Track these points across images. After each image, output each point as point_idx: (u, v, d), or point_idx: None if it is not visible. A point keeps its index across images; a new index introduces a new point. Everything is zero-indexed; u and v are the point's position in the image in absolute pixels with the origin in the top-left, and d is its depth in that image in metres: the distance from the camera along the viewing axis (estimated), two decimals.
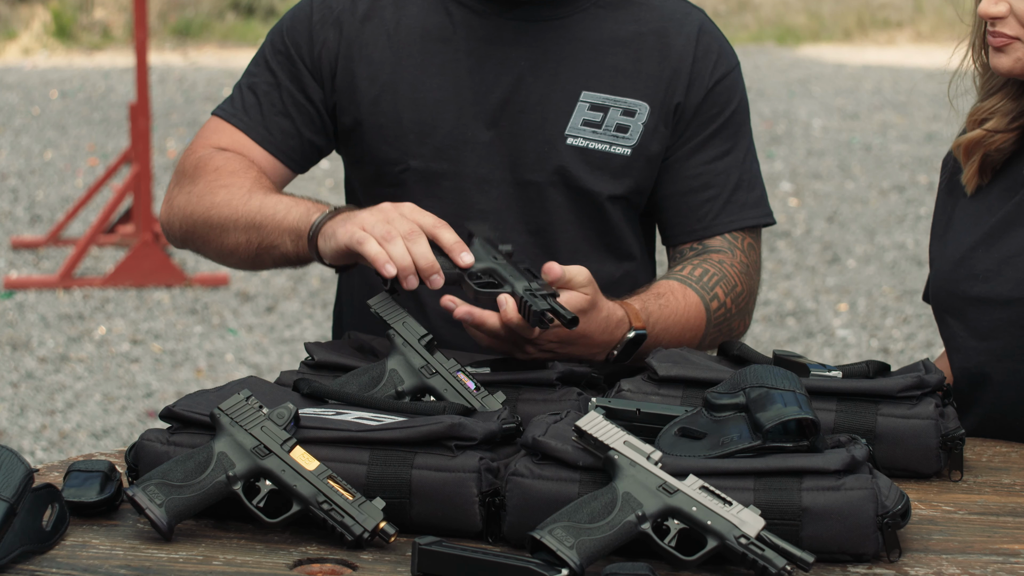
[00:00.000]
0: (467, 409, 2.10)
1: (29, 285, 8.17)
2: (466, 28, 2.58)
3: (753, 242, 2.64)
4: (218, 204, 2.49)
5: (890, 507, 1.91)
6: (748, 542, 1.85)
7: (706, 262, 2.58)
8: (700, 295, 2.53)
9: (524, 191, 2.57)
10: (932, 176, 11.37)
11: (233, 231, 2.48)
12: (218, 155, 2.57)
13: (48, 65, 16.31)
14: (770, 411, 1.96)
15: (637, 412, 2.07)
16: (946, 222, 2.60)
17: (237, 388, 2.12)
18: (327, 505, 1.94)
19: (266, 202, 2.45)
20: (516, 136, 2.56)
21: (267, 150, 2.61)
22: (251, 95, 2.63)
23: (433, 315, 2.54)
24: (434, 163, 2.56)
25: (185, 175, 2.58)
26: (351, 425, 2.03)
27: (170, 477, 1.96)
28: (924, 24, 18.60)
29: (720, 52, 2.63)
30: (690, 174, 2.61)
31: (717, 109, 2.61)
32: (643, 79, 2.58)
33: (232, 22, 18.27)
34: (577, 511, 1.87)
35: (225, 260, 2.55)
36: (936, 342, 7.45)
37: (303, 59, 2.61)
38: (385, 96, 2.57)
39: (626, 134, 2.57)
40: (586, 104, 2.56)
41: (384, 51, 2.58)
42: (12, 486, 1.89)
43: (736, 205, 2.62)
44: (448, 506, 1.96)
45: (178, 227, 2.58)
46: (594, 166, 2.56)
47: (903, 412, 2.18)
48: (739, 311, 2.59)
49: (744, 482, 1.92)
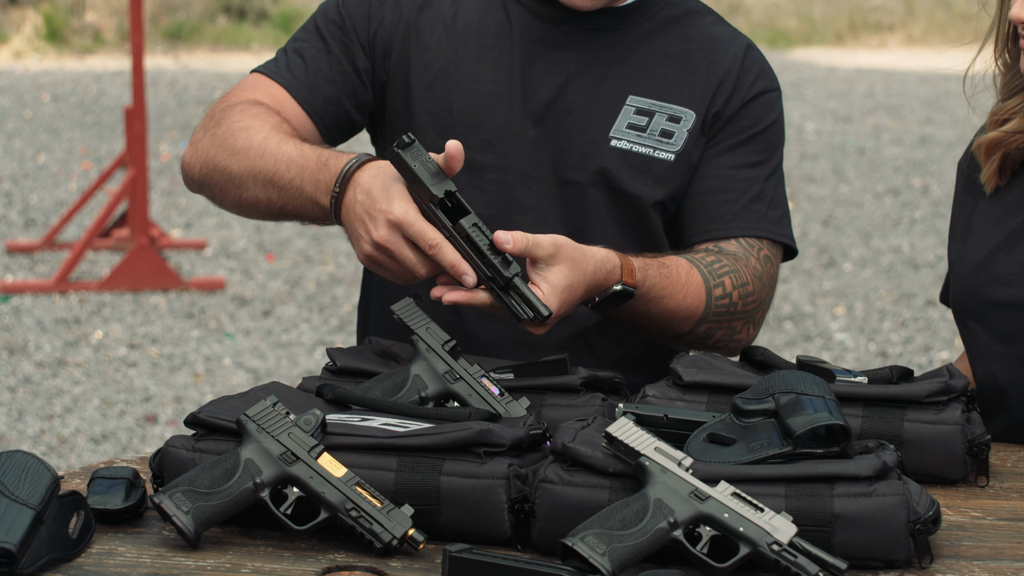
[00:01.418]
0: (492, 415, 2.09)
1: (25, 289, 8.15)
2: (522, 27, 2.60)
3: (770, 255, 2.62)
4: (238, 151, 2.46)
5: (922, 513, 1.91)
6: (781, 549, 1.84)
7: (721, 254, 2.57)
8: (705, 278, 2.51)
9: (565, 190, 2.57)
10: (926, 179, 11.38)
11: (252, 186, 2.46)
12: (251, 106, 2.54)
13: (40, 68, 16.28)
14: (801, 417, 1.95)
15: (664, 418, 2.05)
16: (965, 224, 2.59)
17: (262, 394, 2.11)
18: (355, 512, 1.93)
19: (280, 158, 2.42)
20: (560, 136, 2.57)
21: (305, 110, 2.59)
22: (297, 58, 2.62)
23: (466, 311, 2.53)
24: (481, 155, 2.56)
25: (212, 119, 2.55)
26: (378, 431, 2.02)
27: (197, 484, 1.95)
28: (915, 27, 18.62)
29: (762, 71, 2.66)
30: (712, 175, 2.61)
31: (750, 122, 2.62)
32: (690, 88, 2.60)
33: (223, 25, 18.25)
34: (608, 518, 1.86)
35: (243, 213, 2.53)
36: (934, 345, 7.45)
37: (357, 32, 2.61)
38: (439, 84, 2.58)
39: (671, 140, 2.57)
40: (632, 108, 2.58)
41: (440, 40, 2.60)
42: (39, 493, 1.88)
43: (753, 214, 2.61)
44: (477, 513, 1.95)
45: (198, 171, 2.55)
46: (636, 169, 2.57)
47: (930, 418, 2.18)
48: (744, 311, 2.56)
49: (775, 488, 1.91)
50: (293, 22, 18.44)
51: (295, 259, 9.01)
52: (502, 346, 2.51)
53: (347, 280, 8.60)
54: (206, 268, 8.79)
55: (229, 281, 8.46)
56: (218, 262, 8.93)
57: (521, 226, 2.51)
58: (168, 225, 9.70)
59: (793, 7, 18.94)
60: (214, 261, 8.95)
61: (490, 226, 2.23)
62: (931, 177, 11.50)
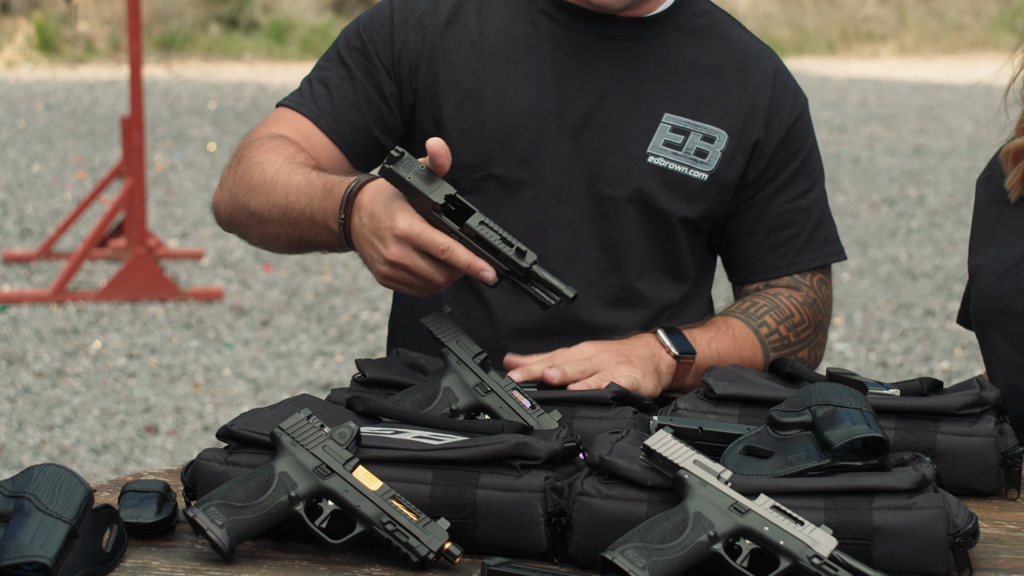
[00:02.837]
0: (525, 427, 2.08)
1: (22, 299, 8.13)
2: (552, 40, 2.57)
3: (824, 278, 2.68)
4: (254, 187, 2.46)
5: (961, 526, 1.89)
6: (821, 562, 1.83)
7: (759, 296, 2.63)
8: (745, 322, 2.57)
9: (601, 206, 2.56)
10: (922, 189, 11.39)
11: (270, 223, 2.45)
12: (268, 140, 2.53)
13: (32, 78, 16.26)
14: (839, 429, 1.94)
15: (699, 430, 2.05)
16: (989, 235, 2.58)
17: (294, 407, 2.10)
18: (391, 526, 1.91)
19: (290, 191, 2.40)
20: (597, 151, 2.55)
21: (332, 140, 2.58)
22: (322, 87, 2.60)
23: (500, 324, 2.53)
24: (516, 171, 2.54)
25: (235, 156, 2.55)
26: (412, 444, 2.00)
27: (231, 497, 1.93)
28: (908, 37, 18.65)
29: (796, 92, 2.67)
30: (775, 212, 2.64)
31: (797, 147, 2.64)
32: (722, 107, 2.59)
33: (216, 35, 18.24)
34: (648, 531, 1.85)
35: (270, 248, 2.53)
36: (934, 355, 7.45)
37: (380, 57, 2.59)
38: (469, 102, 2.56)
39: (705, 159, 2.57)
40: (668, 126, 2.57)
41: (468, 57, 2.57)
42: (73, 507, 1.87)
43: (816, 243, 2.66)
44: (513, 526, 1.93)
45: (224, 210, 2.55)
46: (670, 187, 2.56)
47: (963, 430, 2.17)
48: (800, 340, 2.61)
49: (814, 501, 1.90)
50: (285, 32, 18.45)
51: (292, 269, 9.00)
52: None
53: (345, 290, 8.58)
54: (203, 278, 8.77)
55: (227, 291, 8.44)
56: (215, 272, 8.91)
57: (555, 242, 2.52)
58: (164, 235, 9.69)
59: (785, 17, 18.96)
60: (211, 271, 8.94)
61: (525, 243, 2.20)
62: (926, 187, 11.51)
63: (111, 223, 8.73)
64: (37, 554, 1.81)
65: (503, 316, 2.55)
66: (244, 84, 16.24)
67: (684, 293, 2.62)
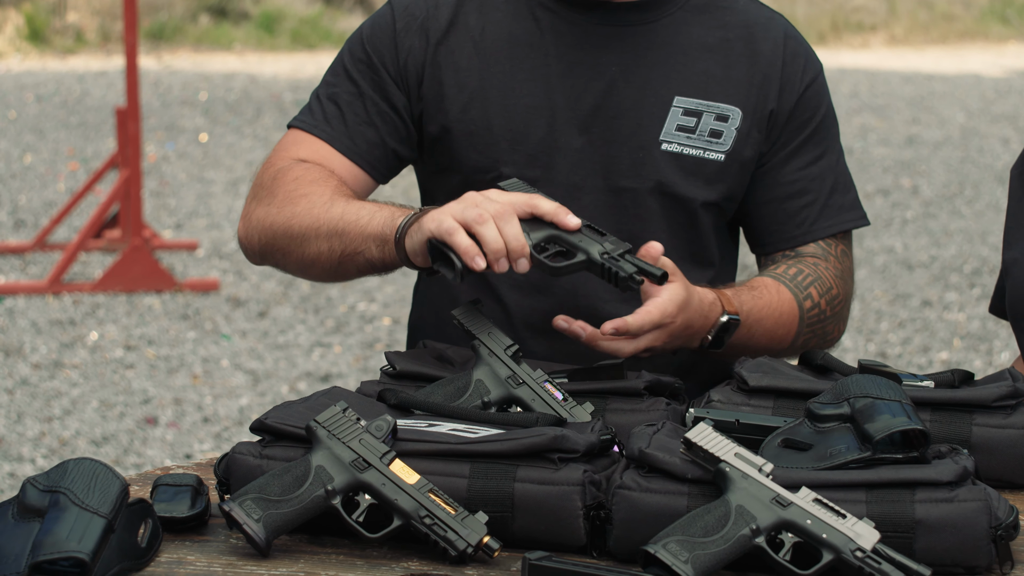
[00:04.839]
0: (559, 420, 2.07)
1: (18, 291, 8.10)
2: (554, 33, 2.54)
3: (846, 248, 2.63)
4: (299, 214, 2.44)
5: (1003, 519, 1.89)
6: (864, 555, 1.82)
7: (800, 262, 2.57)
8: (793, 292, 2.53)
9: (618, 198, 2.53)
10: (915, 179, 11.39)
11: (315, 240, 2.41)
12: (297, 166, 2.51)
13: (22, 69, 16.21)
14: (878, 422, 1.93)
15: (736, 423, 2.04)
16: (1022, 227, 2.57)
17: (326, 400, 2.08)
18: (429, 519, 1.90)
19: (348, 209, 2.40)
20: (609, 142, 2.52)
21: (352, 160, 2.55)
22: (332, 105, 2.57)
23: (519, 324, 2.50)
24: (526, 170, 2.50)
25: (263, 188, 2.52)
26: (448, 437, 1.99)
27: (267, 491, 1.92)
28: (898, 27, 18.65)
29: (807, 56, 2.61)
30: (787, 180, 2.58)
31: (809, 114, 2.59)
32: (734, 84, 2.55)
33: (206, 25, 18.19)
34: (690, 525, 1.83)
35: (306, 272, 2.49)
36: (933, 346, 7.45)
37: (386, 67, 2.55)
38: (475, 103, 2.52)
39: (720, 139, 2.53)
40: (680, 109, 2.53)
41: (471, 58, 2.54)
42: (109, 502, 1.85)
43: (833, 209, 2.61)
44: (552, 520, 1.92)
45: (256, 241, 2.51)
46: (688, 172, 2.53)
47: (998, 422, 2.16)
48: (834, 315, 2.58)
49: (856, 494, 1.89)
50: (275, 23, 18.40)
51: None
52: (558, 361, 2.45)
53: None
54: (199, 269, 8.75)
55: (223, 282, 8.41)
56: (211, 263, 8.88)
57: None
58: (158, 226, 9.65)
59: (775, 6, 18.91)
60: (207, 262, 8.91)
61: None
62: (920, 177, 11.50)
63: (107, 214, 8.70)
64: (75, 549, 1.79)
65: (520, 315, 2.53)
66: (234, 75, 16.19)
67: (709, 279, 2.59)
